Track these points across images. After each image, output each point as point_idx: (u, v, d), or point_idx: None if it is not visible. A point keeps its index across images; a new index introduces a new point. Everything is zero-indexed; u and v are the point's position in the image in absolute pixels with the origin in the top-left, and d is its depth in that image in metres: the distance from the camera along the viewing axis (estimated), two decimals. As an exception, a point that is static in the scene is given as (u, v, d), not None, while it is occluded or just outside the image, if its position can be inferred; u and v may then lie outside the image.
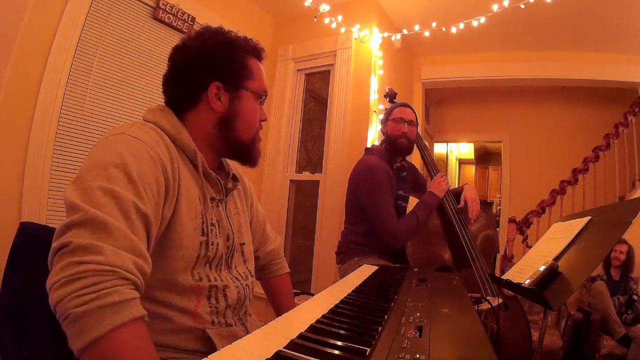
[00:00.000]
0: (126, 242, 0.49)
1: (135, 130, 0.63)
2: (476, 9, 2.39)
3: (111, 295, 0.44)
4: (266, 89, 0.83)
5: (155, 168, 0.60)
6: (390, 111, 1.81)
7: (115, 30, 2.00)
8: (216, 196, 0.78)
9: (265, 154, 2.96)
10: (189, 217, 0.67)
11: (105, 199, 0.50)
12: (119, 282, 0.46)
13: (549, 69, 3.37)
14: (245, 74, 0.78)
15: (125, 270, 0.47)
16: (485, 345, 0.44)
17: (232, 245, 0.79)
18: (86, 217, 0.48)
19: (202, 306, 0.68)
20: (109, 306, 0.43)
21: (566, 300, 0.93)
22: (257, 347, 0.44)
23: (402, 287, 0.80)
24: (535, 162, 4.26)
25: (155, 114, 0.73)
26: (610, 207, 1.21)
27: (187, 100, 0.76)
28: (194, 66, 0.75)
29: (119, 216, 0.50)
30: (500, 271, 2.96)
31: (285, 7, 2.93)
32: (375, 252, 1.62)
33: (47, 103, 1.69)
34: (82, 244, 0.45)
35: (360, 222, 1.67)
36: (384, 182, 1.61)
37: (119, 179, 0.53)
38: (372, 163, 1.67)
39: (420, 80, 3.69)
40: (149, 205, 0.56)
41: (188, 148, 0.72)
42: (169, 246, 0.65)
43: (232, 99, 0.76)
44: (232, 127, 0.77)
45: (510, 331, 1.50)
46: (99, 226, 0.48)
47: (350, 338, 0.46)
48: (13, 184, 1.59)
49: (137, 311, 0.46)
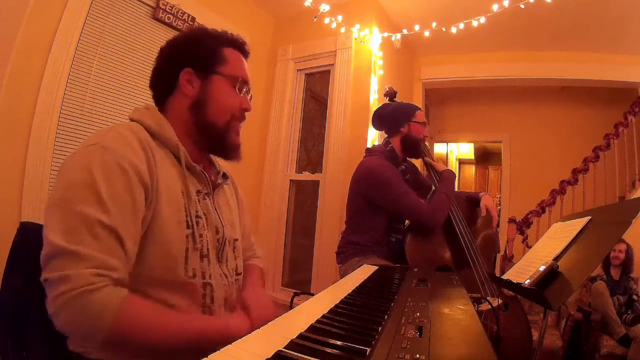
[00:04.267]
0: (94, 262, 0.56)
1: (110, 139, 0.65)
2: (476, 9, 2.39)
3: (96, 296, 0.54)
4: (244, 76, 0.83)
5: (126, 178, 0.62)
6: (412, 113, 1.75)
7: (115, 30, 2.00)
8: (203, 189, 0.79)
9: (265, 154, 2.96)
10: (171, 212, 0.68)
11: (75, 223, 0.57)
12: (96, 292, 0.55)
13: (549, 69, 3.37)
14: (217, 60, 0.80)
15: (91, 284, 0.55)
16: (485, 345, 0.44)
17: (223, 238, 0.79)
18: (56, 252, 0.56)
19: (195, 305, 0.69)
20: (102, 308, 0.54)
21: (566, 300, 0.93)
22: (257, 347, 0.44)
23: (402, 287, 0.80)
24: (535, 162, 4.26)
25: (140, 112, 0.77)
26: (610, 207, 1.21)
27: (165, 89, 0.80)
28: (169, 56, 0.81)
29: (88, 238, 0.57)
30: (500, 271, 2.96)
31: (285, 7, 2.93)
32: (375, 252, 1.62)
33: (47, 103, 1.69)
34: (55, 278, 0.55)
35: (362, 223, 1.66)
36: (398, 177, 1.62)
37: (87, 200, 0.58)
38: (379, 163, 1.65)
39: (420, 80, 3.69)
40: (118, 217, 0.59)
41: (170, 142, 0.74)
42: (154, 243, 0.66)
43: (203, 83, 0.79)
44: (204, 111, 0.78)
45: (510, 331, 1.50)
46: (67, 257, 0.55)
47: (350, 338, 0.46)
48: (13, 184, 1.59)
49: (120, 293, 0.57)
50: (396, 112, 1.78)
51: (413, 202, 1.56)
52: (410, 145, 1.74)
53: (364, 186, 1.66)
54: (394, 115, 1.78)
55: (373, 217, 1.64)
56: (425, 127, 1.77)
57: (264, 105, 3.05)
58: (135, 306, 0.59)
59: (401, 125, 1.74)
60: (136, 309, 0.58)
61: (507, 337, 1.45)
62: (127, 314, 0.56)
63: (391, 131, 1.79)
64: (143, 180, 0.64)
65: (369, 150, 1.82)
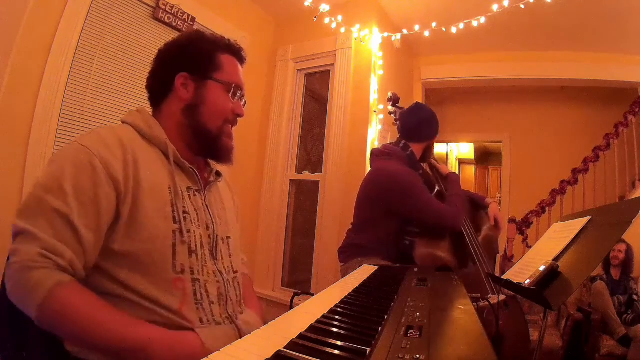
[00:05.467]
0: (43, 244, 0.60)
1: (88, 138, 0.69)
2: (476, 9, 2.39)
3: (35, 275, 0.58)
4: (238, 83, 0.84)
5: (94, 174, 0.65)
6: (439, 127, 1.78)
7: (115, 30, 2.00)
8: (193, 186, 0.80)
9: (265, 154, 2.96)
10: (156, 207, 0.69)
11: (37, 208, 0.63)
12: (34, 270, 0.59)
13: (549, 69, 3.37)
14: (213, 66, 0.82)
15: (33, 261, 0.59)
16: (485, 345, 0.44)
17: (214, 235, 0.79)
18: (17, 230, 0.62)
19: (187, 304, 0.69)
20: (34, 285, 0.58)
21: (566, 300, 0.93)
22: (257, 347, 0.44)
23: (402, 287, 0.80)
24: (535, 162, 4.26)
25: (131, 115, 0.80)
26: (610, 207, 1.21)
27: (160, 91, 0.82)
28: (166, 59, 0.83)
29: (43, 222, 0.61)
30: (500, 271, 2.96)
31: (285, 7, 2.93)
32: (379, 254, 1.61)
33: (47, 103, 1.69)
34: (10, 250, 0.61)
35: (373, 226, 1.64)
36: (421, 185, 1.61)
37: (52, 190, 0.63)
38: (402, 170, 1.62)
39: (420, 80, 3.69)
40: (76, 209, 0.63)
41: (159, 140, 0.76)
42: (139, 239, 0.66)
43: (198, 88, 0.81)
44: (197, 114, 0.80)
45: (510, 331, 1.50)
46: (24, 236, 0.61)
47: (350, 338, 0.46)
48: (13, 184, 1.59)
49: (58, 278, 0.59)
50: (429, 123, 1.76)
51: (439, 209, 1.57)
52: (428, 154, 1.79)
53: (384, 192, 1.60)
54: (427, 125, 1.76)
55: (386, 221, 1.62)
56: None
57: (264, 105, 3.05)
58: (68, 294, 0.59)
59: (431, 137, 1.76)
60: (67, 296, 0.59)
61: (507, 337, 1.45)
62: (56, 298, 0.58)
63: (416, 138, 1.75)
64: (113, 176, 0.66)
65: (386, 154, 1.73)
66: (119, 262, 0.66)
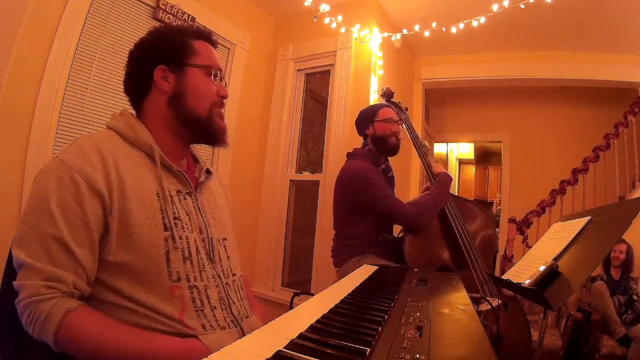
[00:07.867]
0: (45, 274, 0.61)
1: (68, 152, 0.68)
2: (476, 9, 2.39)
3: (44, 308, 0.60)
4: (216, 64, 0.84)
5: (77, 190, 0.65)
6: (375, 112, 1.79)
7: (115, 30, 2.00)
8: (183, 189, 0.78)
9: (265, 154, 2.96)
10: (144, 216, 0.68)
11: (30, 237, 0.63)
12: (42, 302, 0.60)
13: (549, 69, 3.37)
14: (188, 53, 0.81)
15: (40, 295, 0.60)
16: (485, 345, 0.44)
17: (209, 238, 0.78)
18: (17, 263, 0.63)
19: (187, 311, 0.68)
20: (46, 317, 0.59)
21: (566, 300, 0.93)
22: (257, 347, 0.44)
23: (402, 287, 0.80)
24: (535, 162, 4.26)
25: (115, 119, 0.79)
26: (610, 207, 1.21)
27: (140, 91, 0.81)
28: (140, 57, 0.81)
29: (39, 252, 0.62)
30: (500, 271, 2.96)
31: (285, 7, 2.93)
32: (372, 252, 1.62)
33: (47, 103, 1.69)
34: (16, 286, 0.62)
35: (352, 225, 1.68)
36: (380, 180, 1.66)
37: (40, 214, 0.63)
38: (362, 166, 1.67)
39: (420, 80, 3.69)
40: (66, 229, 0.63)
41: (144, 145, 0.75)
42: (132, 250, 0.66)
43: (178, 77, 0.80)
44: (183, 103, 0.79)
45: (510, 331, 1.50)
46: (25, 269, 0.62)
47: (350, 338, 0.46)
48: (13, 184, 1.59)
49: (67, 305, 0.60)
50: (361, 115, 1.86)
51: (395, 205, 1.60)
52: (380, 144, 1.76)
53: (349, 190, 1.68)
54: (360, 119, 1.85)
55: (362, 219, 1.66)
56: (392, 122, 1.76)
57: (264, 105, 3.04)
58: (79, 319, 0.61)
59: (366, 127, 1.80)
60: (79, 322, 0.60)
61: (507, 337, 1.45)
62: (67, 326, 0.59)
63: (362, 134, 1.85)
64: (95, 188, 0.65)
65: (350, 154, 1.84)
66: (116, 273, 0.66)
